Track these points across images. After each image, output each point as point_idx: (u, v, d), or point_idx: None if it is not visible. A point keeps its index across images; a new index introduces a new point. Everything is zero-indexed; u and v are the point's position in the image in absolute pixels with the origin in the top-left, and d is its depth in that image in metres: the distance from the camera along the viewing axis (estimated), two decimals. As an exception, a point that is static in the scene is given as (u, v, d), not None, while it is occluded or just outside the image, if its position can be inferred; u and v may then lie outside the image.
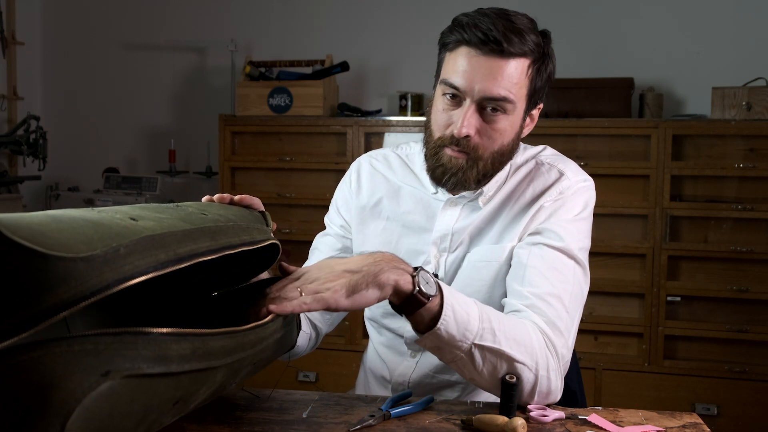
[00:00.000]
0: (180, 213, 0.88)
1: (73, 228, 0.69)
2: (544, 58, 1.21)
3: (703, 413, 2.78)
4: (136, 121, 3.83)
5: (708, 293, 2.86)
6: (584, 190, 1.27)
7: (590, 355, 2.92)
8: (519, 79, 1.17)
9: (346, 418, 1.04)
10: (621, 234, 2.92)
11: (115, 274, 0.69)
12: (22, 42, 3.70)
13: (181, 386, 0.77)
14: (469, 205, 1.30)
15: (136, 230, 0.75)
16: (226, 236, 0.89)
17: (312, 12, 3.59)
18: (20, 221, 0.65)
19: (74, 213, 0.75)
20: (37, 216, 0.69)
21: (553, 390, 1.12)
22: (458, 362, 1.07)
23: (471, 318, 1.05)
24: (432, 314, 1.02)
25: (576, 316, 1.19)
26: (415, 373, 1.32)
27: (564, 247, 1.20)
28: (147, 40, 3.80)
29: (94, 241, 0.68)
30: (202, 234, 0.84)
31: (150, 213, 0.83)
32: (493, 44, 1.14)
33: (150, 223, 0.78)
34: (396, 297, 1.00)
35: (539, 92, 1.24)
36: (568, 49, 3.30)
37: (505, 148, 1.23)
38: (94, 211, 0.78)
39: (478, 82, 1.16)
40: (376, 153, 1.46)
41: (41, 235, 0.65)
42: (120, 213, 0.79)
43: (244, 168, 3.27)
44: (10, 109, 3.67)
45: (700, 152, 2.88)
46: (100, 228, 0.71)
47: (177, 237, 0.79)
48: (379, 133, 3.09)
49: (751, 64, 3.07)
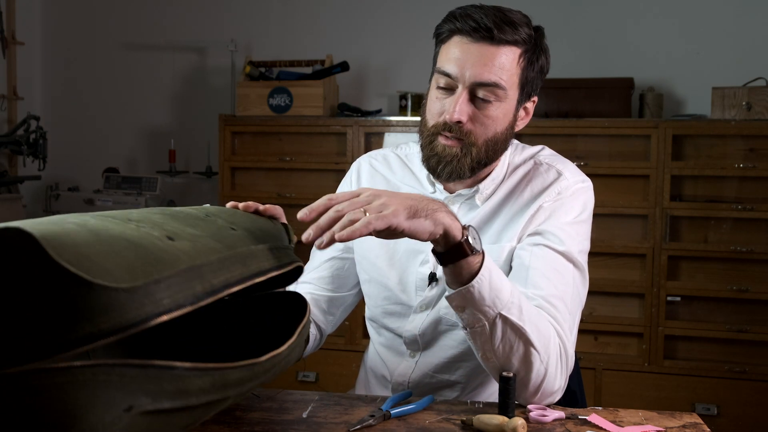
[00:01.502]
0: (211, 227, 0.87)
1: (115, 251, 0.68)
2: (536, 50, 1.23)
3: (703, 413, 2.77)
4: (136, 121, 3.83)
5: (708, 293, 2.86)
6: (583, 191, 1.27)
7: (590, 355, 2.92)
8: (510, 66, 1.19)
9: (346, 418, 1.04)
10: (621, 234, 2.92)
11: (154, 308, 0.67)
12: (22, 42, 3.70)
13: (194, 415, 0.77)
14: (467, 204, 1.30)
15: (173, 255, 0.74)
16: (257, 262, 0.88)
17: (312, 12, 3.59)
18: (64, 240, 0.64)
19: (114, 228, 0.73)
20: (79, 233, 0.68)
21: (557, 389, 1.12)
22: (478, 330, 1.07)
23: (504, 288, 1.06)
24: (471, 270, 1.03)
25: (576, 318, 1.20)
26: (414, 373, 1.32)
27: (564, 251, 1.20)
28: (147, 40, 3.80)
29: (137, 269, 0.67)
30: (234, 261, 0.83)
31: (184, 228, 0.82)
32: (484, 31, 1.17)
33: (186, 245, 0.77)
34: (444, 241, 1.02)
35: (532, 84, 1.25)
36: (569, 49, 3.30)
37: (499, 136, 1.23)
38: (131, 224, 0.77)
39: (470, 68, 1.18)
40: (375, 153, 1.46)
41: (86, 260, 0.63)
42: (157, 228, 0.78)
43: (244, 168, 3.27)
44: (10, 109, 3.67)
45: (700, 152, 2.88)
46: (141, 251, 0.70)
47: (212, 267, 0.78)
48: (379, 133, 3.09)
49: (751, 64, 3.07)
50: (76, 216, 0.77)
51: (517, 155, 1.33)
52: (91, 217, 0.77)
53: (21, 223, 0.64)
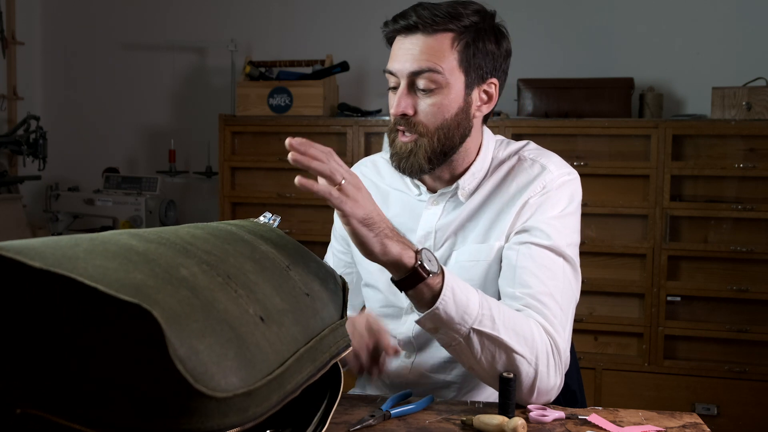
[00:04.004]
0: (291, 291, 0.86)
1: (220, 344, 0.65)
2: (479, 33, 1.23)
3: (703, 413, 2.77)
4: (136, 121, 3.83)
5: (708, 293, 2.86)
6: (568, 183, 1.27)
7: (590, 355, 2.92)
8: (443, 51, 1.21)
9: (346, 418, 1.04)
10: (621, 234, 2.92)
11: (236, 419, 0.66)
12: (22, 42, 3.70)
13: None
14: (451, 202, 1.31)
15: (265, 355, 0.72)
16: (321, 354, 0.87)
17: (312, 12, 3.59)
18: (183, 324, 0.62)
19: (220, 298, 0.71)
20: (194, 306, 0.66)
21: (552, 387, 1.12)
22: (456, 347, 1.08)
23: (471, 302, 1.06)
24: (433, 292, 1.04)
25: (570, 312, 1.19)
26: (411, 374, 1.32)
27: (552, 246, 1.20)
28: (147, 40, 3.80)
29: (232, 372, 0.65)
30: (307, 360, 0.82)
31: (272, 296, 0.80)
32: (414, 26, 1.22)
33: (273, 335, 0.75)
34: (397, 270, 1.04)
35: (481, 66, 1.24)
36: (569, 49, 3.30)
37: (450, 122, 1.23)
38: (231, 286, 0.75)
39: (403, 62, 1.23)
40: (365, 160, 1.49)
41: (195, 356, 0.62)
42: (251, 297, 0.76)
43: (244, 168, 3.27)
44: (10, 109, 3.67)
45: (700, 152, 2.88)
46: (241, 348, 0.68)
47: (291, 371, 0.76)
48: (379, 133, 3.09)
49: (751, 64, 3.07)
50: (186, 257, 0.73)
51: (501, 150, 1.33)
52: (197, 263, 0.74)
53: (150, 291, 0.62)
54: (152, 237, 0.77)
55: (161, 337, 0.59)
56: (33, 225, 3.44)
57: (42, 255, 0.61)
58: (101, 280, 0.60)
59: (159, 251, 0.72)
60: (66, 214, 3.57)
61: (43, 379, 0.62)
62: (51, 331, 0.62)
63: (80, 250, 0.65)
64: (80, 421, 0.61)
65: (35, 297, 0.62)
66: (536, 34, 3.30)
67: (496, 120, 2.97)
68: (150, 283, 0.64)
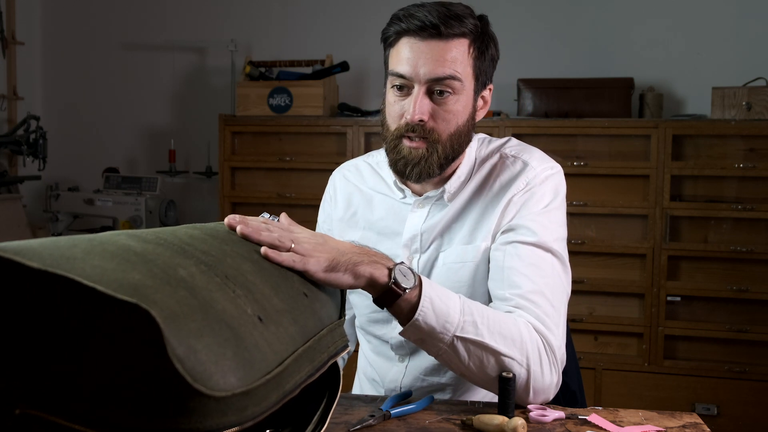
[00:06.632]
0: (289, 291, 0.86)
1: (218, 343, 0.66)
2: (485, 38, 1.23)
3: (703, 413, 2.77)
4: (136, 121, 3.83)
5: (708, 293, 2.86)
6: (551, 177, 1.26)
7: (590, 355, 2.92)
8: (462, 58, 1.20)
9: (346, 418, 1.04)
10: (621, 234, 2.92)
11: (235, 419, 0.66)
12: (22, 42, 3.70)
13: None
14: (437, 205, 1.30)
15: (263, 354, 0.72)
16: (321, 352, 0.87)
17: (312, 12, 3.59)
18: (181, 323, 0.62)
19: (218, 298, 0.71)
20: (192, 306, 0.66)
21: (549, 385, 1.12)
22: (444, 356, 1.08)
23: (451, 310, 1.06)
24: (411, 305, 1.04)
25: (562, 308, 1.18)
26: (405, 378, 1.32)
27: (538, 242, 1.19)
28: (147, 40, 3.80)
29: (231, 371, 0.65)
30: (306, 360, 0.82)
31: (270, 297, 0.80)
32: (432, 29, 1.18)
33: (272, 335, 0.75)
34: (373, 289, 1.03)
35: (485, 73, 1.25)
36: (569, 49, 3.30)
37: (462, 129, 1.23)
38: (229, 286, 0.75)
39: (423, 66, 1.18)
40: (348, 164, 1.47)
41: (194, 356, 0.62)
42: (250, 298, 0.76)
43: (244, 168, 3.27)
44: (10, 109, 3.67)
45: (700, 152, 2.88)
46: (239, 347, 0.68)
47: (289, 370, 0.77)
48: (378, 133, 3.08)
49: (751, 64, 3.07)
50: (184, 257, 0.73)
51: (483, 149, 1.32)
52: (195, 263, 0.74)
53: (151, 292, 0.62)
54: (150, 238, 0.77)
55: (159, 337, 0.59)
56: (33, 225, 3.44)
57: (40, 255, 0.61)
58: (99, 281, 0.60)
59: (157, 252, 0.72)
60: (66, 214, 3.57)
61: (42, 379, 0.62)
62: (50, 331, 0.62)
63: (78, 251, 0.65)
64: (79, 421, 0.61)
65: (34, 297, 0.62)
66: (536, 34, 3.30)
67: (496, 120, 2.97)
68: (148, 283, 0.64)
